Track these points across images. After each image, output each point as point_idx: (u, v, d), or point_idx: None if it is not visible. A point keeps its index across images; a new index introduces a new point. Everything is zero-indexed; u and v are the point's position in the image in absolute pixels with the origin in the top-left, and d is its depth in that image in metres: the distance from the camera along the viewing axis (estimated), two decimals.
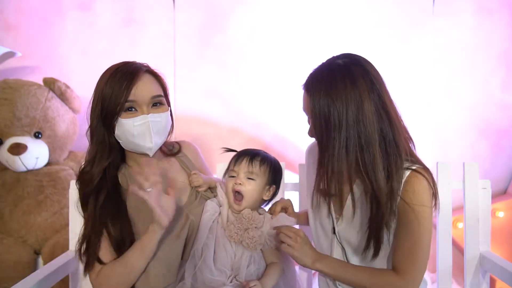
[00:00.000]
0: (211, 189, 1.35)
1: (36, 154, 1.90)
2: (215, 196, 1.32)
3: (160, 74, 1.28)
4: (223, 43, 2.19)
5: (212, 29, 2.19)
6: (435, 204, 1.13)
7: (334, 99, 1.05)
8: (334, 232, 1.23)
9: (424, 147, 2.19)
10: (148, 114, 1.21)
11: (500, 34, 2.19)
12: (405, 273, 1.12)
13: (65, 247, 1.56)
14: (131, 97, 1.19)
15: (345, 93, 1.05)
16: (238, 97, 2.20)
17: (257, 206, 1.27)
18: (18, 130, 1.90)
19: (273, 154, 1.32)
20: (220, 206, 1.27)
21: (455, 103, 2.21)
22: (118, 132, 1.22)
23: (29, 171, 1.91)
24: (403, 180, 1.10)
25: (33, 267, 1.83)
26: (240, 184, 1.21)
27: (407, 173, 1.11)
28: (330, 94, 1.06)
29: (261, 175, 1.23)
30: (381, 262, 1.18)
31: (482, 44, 2.19)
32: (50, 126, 1.95)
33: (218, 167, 1.56)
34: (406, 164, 1.12)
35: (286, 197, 1.64)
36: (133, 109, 1.21)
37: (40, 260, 1.85)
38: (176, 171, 1.35)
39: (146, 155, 1.25)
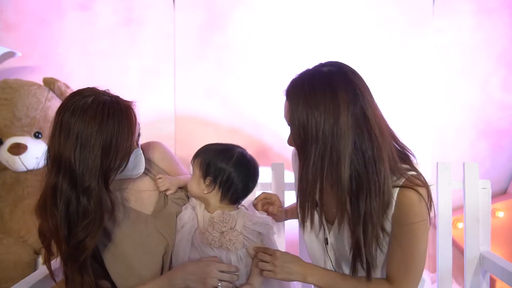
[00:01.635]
0: (182, 188, 1.31)
1: (36, 154, 1.89)
2: (187, 196, 1.30)
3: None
4: (223, 43, 2.19)
5: (212, 29, 2.19)
6: (430, 211, 1.09)
7: (313, 108, 1.01)
8: (327, 243, 1.20)
9: (424, 147, 2.19)
10: (138, 147, 1.17)
11: (500, 34, 2.19)
12: (399, 284, 1.09)
13: None
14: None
15: (324, 103, 1.01)
16: (238, 97, 2.20)
17: (213, 201, 1.23)
18: (18, 130, 1.90)
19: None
20: (195, 208, 1.25)
21: (455, 103, 2.21)
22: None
23: (29, 171, 1.91)
24: (394, 200, 1.06)
25: (33, 267, 1.83)
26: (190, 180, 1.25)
27: (396, 191, 1.07)
28: (309, 103, 1.02)
29: (196, 169, 1.22)
30: (375, 274, 1.15)
31: (482, 44, 2.19)
32: (50, 126, 1.95)
33: None
34: (393, 182, 1.07)
35: (286, 197, 1.64)
36: None
37: (40, 260, 1.85)
38: (141, 180, 1.27)
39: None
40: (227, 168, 1.20)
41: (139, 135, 1.18)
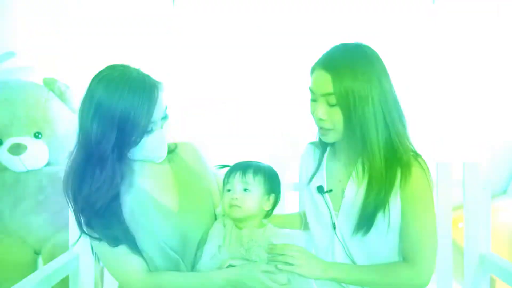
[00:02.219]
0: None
1: (36, 154, 1.90)
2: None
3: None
4: (223, 43, 2.19)
5: (212, 29, 2.19)
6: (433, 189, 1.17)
7: (359, 75, 1.09)
8: (334, 228, 1.21)
9: (424, 147, 2.19)
10: (162, 128, 1.16)
11: (500, 34, 2.19)
12: (416, 262, 1.12)
13: (65, 247, 1.56)
14: (153, 118, 1.12)
15: (367, 70, 1.10)
16: (238, 97, 2.20)
17: (259, 218, 1.22)
18: (18, 130, 1.90)
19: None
20: (225, 226, 1.22)
21: (455, 103, 2.21)
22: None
23: (29, 171, 1.91)
24: (398, 178, 1.14)
25: (33, 267, 1.83)
26: (236, 199, 1.17)
27: (399, 170, 1.15)
28: (355, 71, 1.09)
29: (256, 186, 1.19)
30: (388, 256, 1.18)
31: (482, 44, 2.19)
32: (50, 126, 1.95)
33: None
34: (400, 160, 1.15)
35: (286, 198, 1.64)
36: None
37: (40, 260, 1.85)
38: (165, 173, 1.26)
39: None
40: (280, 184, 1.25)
41: (165, 118, 1.17)
